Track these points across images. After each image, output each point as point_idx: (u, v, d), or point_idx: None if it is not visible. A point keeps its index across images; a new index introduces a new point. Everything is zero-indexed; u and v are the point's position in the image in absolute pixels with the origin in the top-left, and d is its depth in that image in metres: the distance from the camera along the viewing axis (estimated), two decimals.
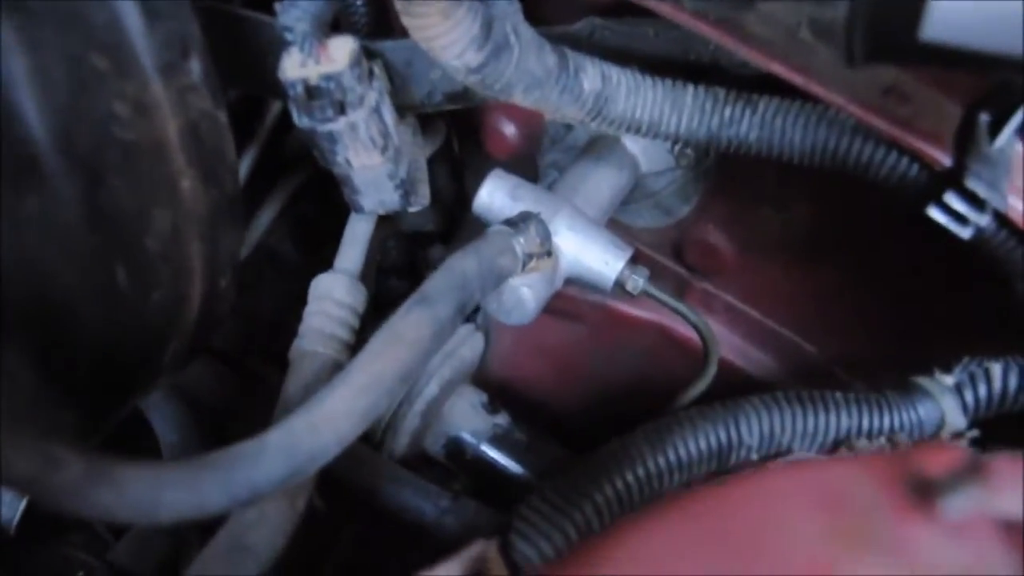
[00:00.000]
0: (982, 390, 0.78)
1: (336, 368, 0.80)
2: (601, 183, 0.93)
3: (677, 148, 0.93)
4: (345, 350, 0.82)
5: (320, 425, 0.63)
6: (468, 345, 1.06)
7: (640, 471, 0.69)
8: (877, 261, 0.95)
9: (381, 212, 0.83)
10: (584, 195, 0.91)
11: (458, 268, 0.73)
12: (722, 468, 0.73)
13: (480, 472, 1.05)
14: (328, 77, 0.71)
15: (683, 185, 0.98)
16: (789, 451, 0.74)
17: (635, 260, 0.87)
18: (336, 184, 0.82)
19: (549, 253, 0.81)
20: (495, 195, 0.87)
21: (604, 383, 1.12)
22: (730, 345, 1.03)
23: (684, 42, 0.83)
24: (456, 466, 1.06)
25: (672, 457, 0.70)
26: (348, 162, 0.76)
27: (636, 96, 0.78)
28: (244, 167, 0.98)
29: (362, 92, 0.73)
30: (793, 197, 0.95)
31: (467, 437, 1.04)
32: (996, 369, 0.78)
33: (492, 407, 1.05)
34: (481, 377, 1.13)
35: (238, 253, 0.78)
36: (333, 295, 0.82)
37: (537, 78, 0.74)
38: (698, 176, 0.97)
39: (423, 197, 0.84)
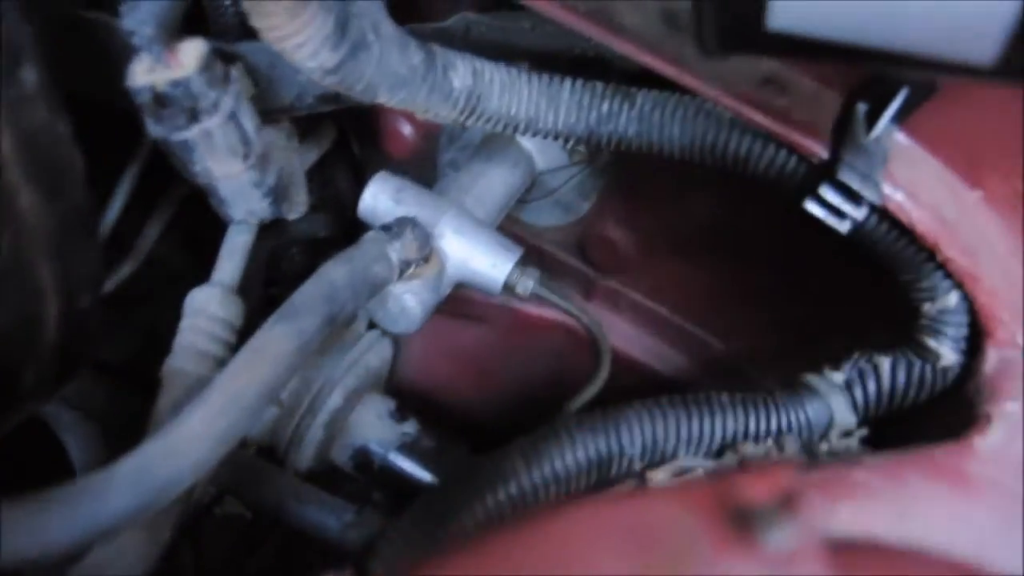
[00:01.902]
0: (872, 386, 0.76)
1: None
2: (494, 182, 0.89)
3: (569, 145, 0.90)
4: (218, 367, 0.78)
5: (174, 451, 0.60)
6: (374, 352, 1.02)
7: (513, 488, 0.67)
8: (781, 254, 0.92)
9: (253, 221, 0.79)
10: (476, 195, 0.88)
11: (326, 278, 0.70)
12: (603, 479, 0.71)
13: (390, 482, 1.02)
14: (176, 83, 0.67)
15: (582, 182, 0.95)
16: (674, 458, 0.72)
17: (527, 261, 0.84)
18: None
19: (427, 259, 0.78)
20: (379, 198, 0.84)
21: (518, 385, 1.09)
22: (638, 344, 1.01)
23: (565, 36, 0.80)
24: (364, 477, 1.02)
25: (548, 472, 0.68)
26: (209, 172, 0.72)
27: (511, 93, 0.75)
28: (129, 177, 0.94)
29: (216, 98, 0.69)
30: (691, 191, 0.92)
31: (374, 447, 1.01)
32: (885, 364, 0.76)
33: (400, 415, 1.02)
34: (394, 385, 1.10)
35: (98, 268, 0.74)
36: (207, 310, 0.79)
37: (401, 77, 0.71)
38: (596, 172, 0.94)
39: (299, 204, 0.81)
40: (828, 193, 0.68)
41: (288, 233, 0.99)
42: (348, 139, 1.03)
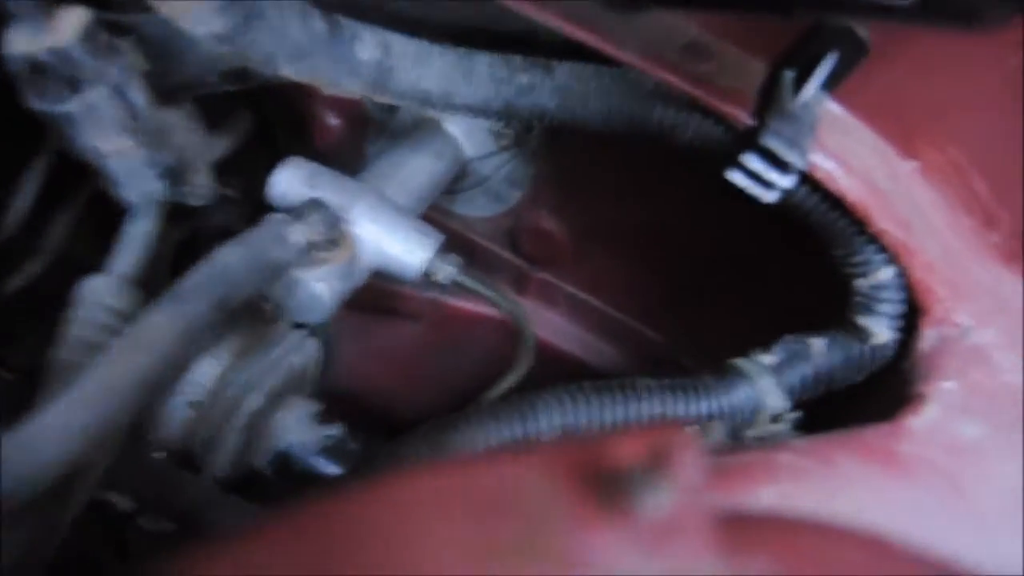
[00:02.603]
0: (803, 368, 0.71)
1: None
2: (417, 169, 0.84)
3: (496, 129, 0.86)
4: None
5: (29, 445, 0.54)
6: (299, 353, 0.96)
7: None
8: (722, 245, 0.88)
9: (150, 204, 0.74)
10: (397, 182, 0.82)
11: (219, 260, 0.65)
12: None
13: (312, 487, 0.96)
14: (54, 51, 0.62)
15: (512, 169, 0.90)
16: None
17: (447, 249, 0.79)
18: None
19: (336, 243, 0.72)
20: (291, 183, 0.78)
21: (452, 384, 1.03)
22: (573, 337, 0.95)
23: (487, 9, 0.76)
24: (285, 481, 0.96)
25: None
26: (96, 149, 0.66)
27: (422, 66, 0.70)
28: (37, 169, 0.88)
29: (99, 69, 0.63)
30: (628, 179, 0.88)
31: (295, 451, 0.95)
32: (817, 345, 0.71)
33: (325, 418, 0.96)
34: (327, 388, 1.04)
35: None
36: (99, 298, 0.72)
37: (302, 47, 0.65)
38: (527, 159, 0.89)
39: (202, 188, 0.75)
40: (752, 161, 0.64)
41: (201, 225, 0.93)
42: (273, 130, 0.98)
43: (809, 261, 0.82)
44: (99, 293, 0.72)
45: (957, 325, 0.68)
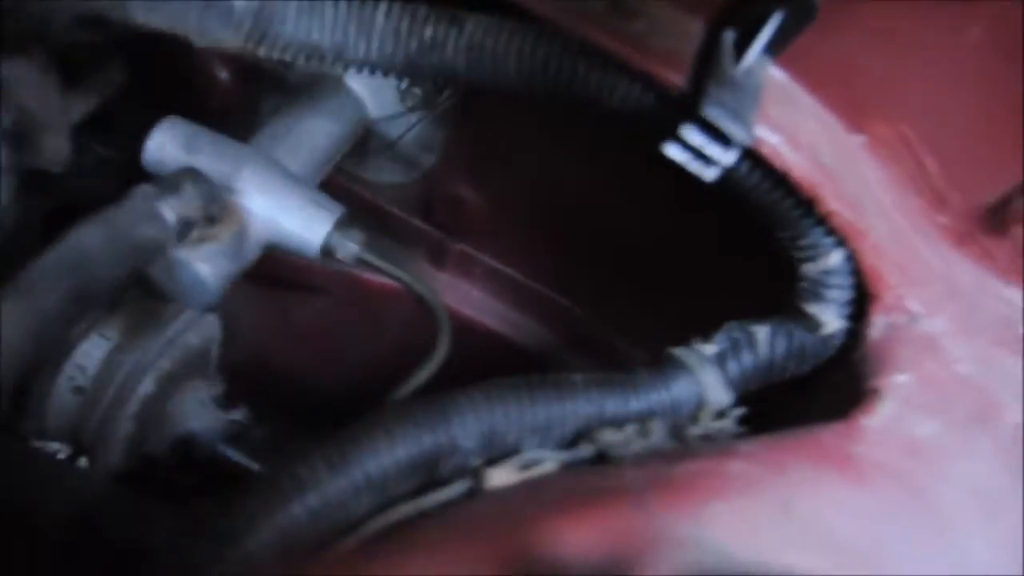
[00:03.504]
0: (747, 358, 0.63)
1: None
2: (314, 131, 0.72)
3: (403, 87, 0.74)
4: None
5: None
6: (195, 331, 0.84)
7: (313, 500, 0.51)
8: (649, 209, 0.78)
9: None
10: (291, 145, 0.71)
11: (73, 244, 0.53)
12: (434, 478, 0.55)
13: (216, 478, 0.85)
14: None
15: (423, 132, 0.79)
16: (517, 450, 0.57)
17: (349, 221, 0.68)
18: None
19: (218, 218, 0.60)
20: (166, 148, 0.66)
21: (366, 362, 0.93)
22: (493, 312, 0.86)
23: None
24: (186, 471, 0.85)
25: (358, 476, 0.52)
26: None
27: (311, 15, 0.58)
28: None
29: None
30: (544, 139, 0.77)
31: (196, 437, 0.84)
32: (762, 333, 0.63)
33: (227, 401, 0.85)
34: (228, 365, 0.92)
35: None
36: None
37: None
38: (437, 121, 0.78)
39: (54, 151, 0.62)
40: (691, 134, 0.54)
41: (71, 193, 0.79)
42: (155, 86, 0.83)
43: (741, 234, 0.74)
44: None
45: (908, 312, 0.60)
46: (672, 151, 0.55)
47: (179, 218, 0.57)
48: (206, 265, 0.62)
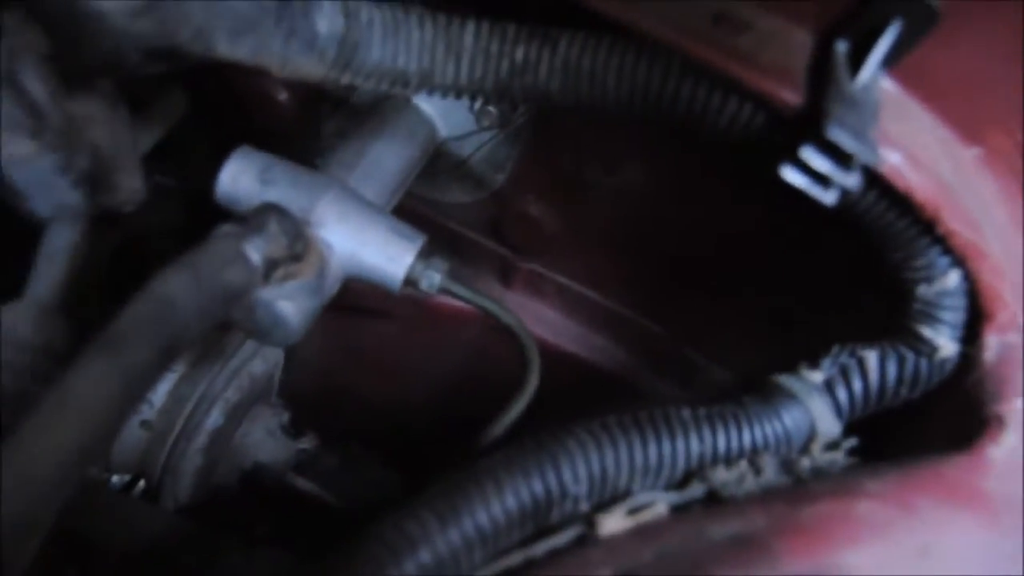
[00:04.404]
0: (857, 385, 0.58)
1: None
2: (386, 155, 0.68)
3: (477, 106, 0.69)
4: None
5: None
6: (259, 359, 0.80)
7: (425, 556, 0.46)
8: (725, 226, 0.73)
9: (67, 217, 0.56)
10: (363, 171, 0.66)
11: (161, 294, 0.48)
12: (541, 525, 0.51)
13: (288, 506, 0.81)
14: None
15: (494, 150, 0.75)
16: (628, 493, 0.52)
17: (430, 249, 0.63)
18: None
19: (298, 256, 0.56)
20: (239, 180, 0.61)
21: (431, 383, 0.89)
22: (566, 332, 0.81)
23: None
24: (257, 501, 0.81)
25: (470, 529, 0.48)
26: None
27: (397, 39, 0.53)
28: None
29: None
30: (622, 156, 0.73)
31: (265, 468, 0.79)
32: (871, 358, 0.58)
33: (295, 429, 0.81)
34: (291, 390, 0.87)
35: None
36: (17, 335, 0.55)
37: (245, 19, 0.49)
38: (510, 139, 0.73)
39: (130, 192, 0.58)
40: (812, 157, 0.49)
41: (136, 227, 0.75)
42: (211, 110, 0.79)
43: (820, 252, 0.70)
44: (16, 328, 0.55)
45: (1020, 331, 0.55)
46: (790, 175, 0.50)
47: (265, 258, 0.53)
48: (289, 304, 0.57)
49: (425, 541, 0.47)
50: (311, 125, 0.78)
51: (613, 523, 0.51)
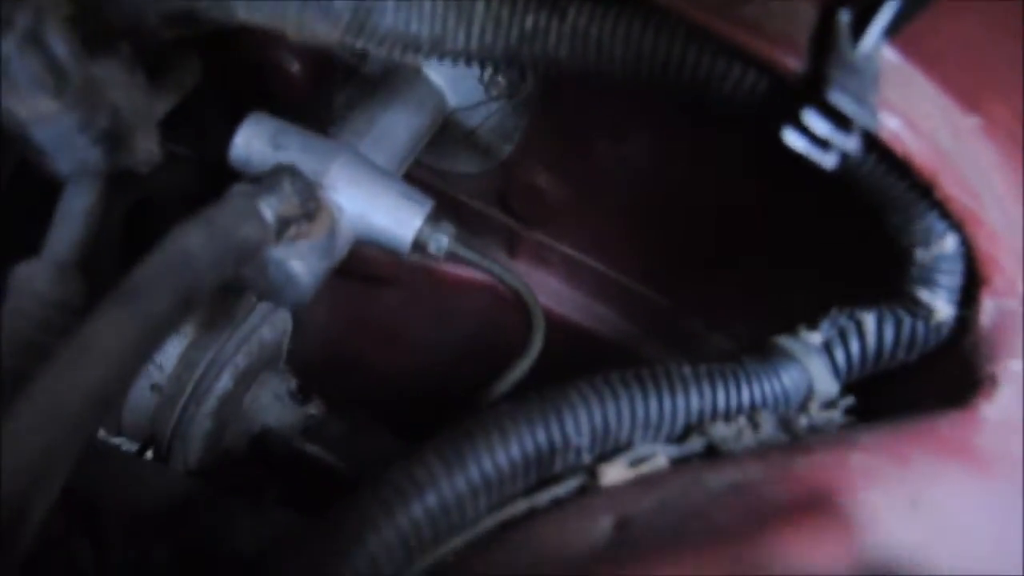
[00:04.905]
0: (854, 346, 0.60)
1: None
2: (395, 123, 0.70)
3: (487, 76, 0.71)
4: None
5: None
6: (269, 325, 0.82)
7: (432, 500, 0.49)
8: (730, 196, 0.75)
9: (87, 175, 0.58)
10: (374, 138, 0.68)
11: (178, 246, 0.51)
12: (544, 475, 0.53)
13: (295, 470, 0.83)
14: None
15: (501, 121, 0.76)
16: (629, 445, 0.54)
17: (439, 214, 0.65)
18: None
19: (314, 215, 0.58)
20: (253, 144, 0.64)
21: (437, 351, 0.90)
22: (571, 302, 0.83)
23: None
24: (265, 465, 0.83)
25: (475, 475, 0.50)
26: (12, 113, 0.50)
27: (409, 7, 0.55)
28: None
29: (5, 14, 0.47)
30: (631, 126, 0.74)
31: (274, 433, 0.82)
32: (869, 320, 0.60)
33: (302, 395, 0.83)
34: (297, 357, 0.90)
35: None
36: (35, 290, 0.57)
37: None
38: (518, 109, 0.75)
39: (146, 153, 0.59)
40: (813, 120, 0.51)
41: (150, 188, 0.76)
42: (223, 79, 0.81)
43: (822, 223, 0.71)
44: (35, 283, 0.57)
45: (1019, 296, 0.57)
46: (791, 138, 0.52)
47: (278, 217, 0.55)
48: (300, 263, 0.59)
49: (432, 486, 0.49)
50: (322, 95, 0.80)
51: (614, 473, 0.53)
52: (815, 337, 0.60)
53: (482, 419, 0.51)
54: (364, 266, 0.81)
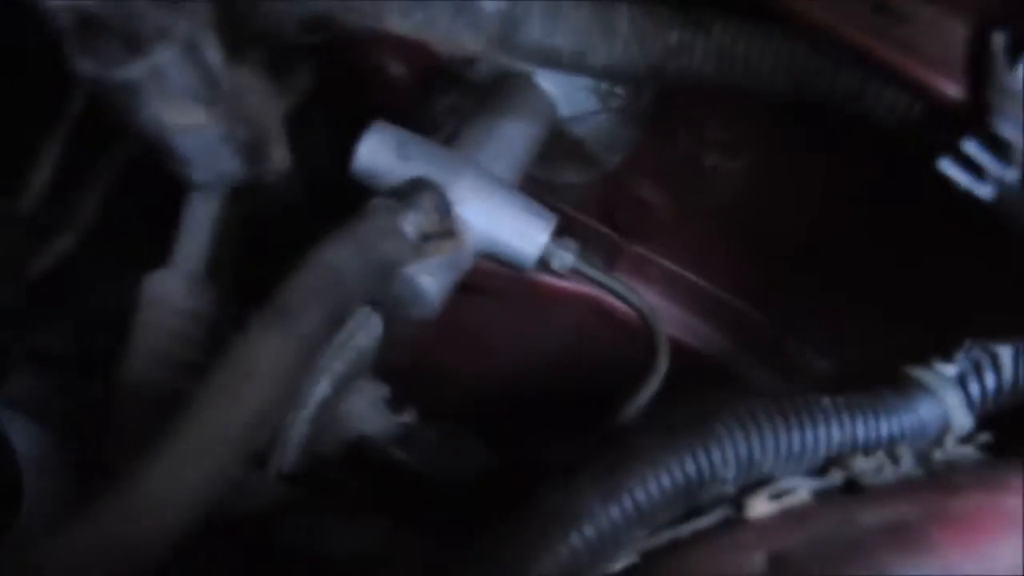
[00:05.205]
0: (990, 380, 0.59)
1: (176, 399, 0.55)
2: (512, 133, 0.69)
3: (604, 88, 0.70)
4: (186, 372, 0.57)
5: (135, 516, 0.42)
6: (364, 332, 0.82)
7: (590, 531, 0.48)
8: (839, 218, 0.74)
9: (223, 185, 0.58)
10: (493, 150, 0.67)
11: (327, 264, 0.50)
12: (691, 506, 0.53)
13: (389, 478, 0.83)
14: (110, 2, 0.45)
15: (611, 131, 0.75)
16: (771, 478, 0.54)
17: (559, 230, 0.64)
18: None
19: (451, 232, 0.57)
20: (378, 154, 0.63)
21: (531, 363, 0.90)
22: (669, 317, 0.82)
23: None
24: (359, 474, 0.83)
25: (629, 506, 0.50)
26: (161, 123, 0.50)
27: (555, 18, 0.55)
28: (60, 133, 0.70)
29: (166, 22, 0.47)
30: (741, 143, 0.73)
31: (369, 441, 0.82)
32: (1005, 355, 0.59)
33: (396, 403, 0.83)
34: (386, 365, 0.89)
35: (19, 250, 0.52)
36: (169, 301, 0.58)
37: None
38: (629, 121, 0.74)
39: (278, 161, 0.60)
40: (973, 148, 0.50)
41: (261, 202, 0.76)
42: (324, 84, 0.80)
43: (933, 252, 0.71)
44: (168, 294, 0.57)
45: None
46: (948, 167, 0.51)
47: (418, 233, 0.54)
48: (430, 279, 0.59)
49: (589, 517, 0.48)
50: (424, 101, 0.80)
51: (759, 507, 0.53)
52: (950, 369, 0.59)
53: (632, 449, 0.51)
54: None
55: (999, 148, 0.50)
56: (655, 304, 0.82)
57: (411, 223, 0.54)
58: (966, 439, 0.58)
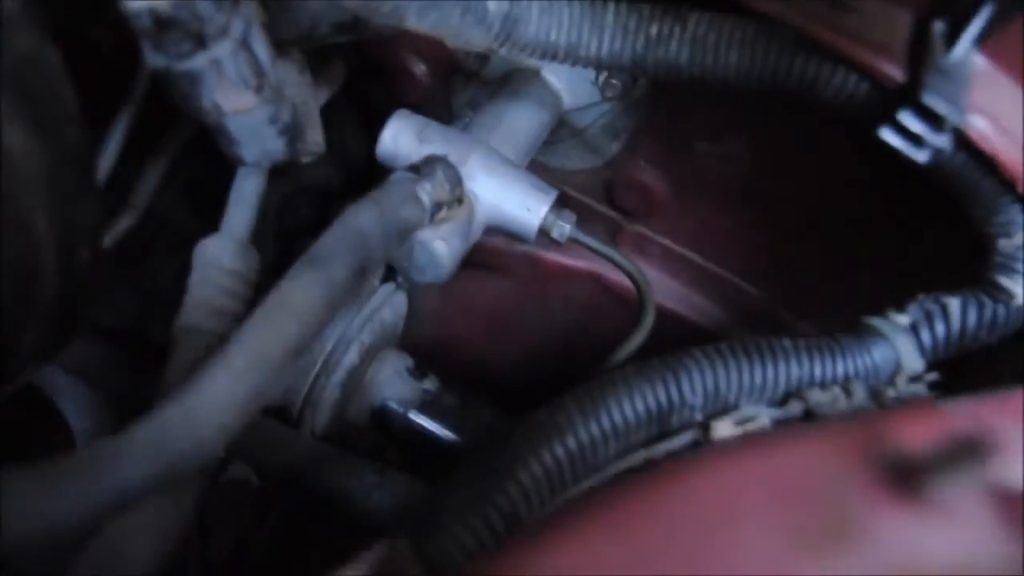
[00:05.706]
0: (940, 328, 0.68)
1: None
2: (520, 121, 0.80)
3: (602, 79, 0.81)
4: (234, 323, 0.68)
5: (195, 416, 0.51)
6: (389, 307, 0.93)
7: (571, 442, 0.58)
8: (820, 194, 0.84)
9: (267, 163, 0.69)
10: (501, 135, 0.78)
11: (354, 223, 0.61)
12: (663, 431, 0.62)
13: (410, 441, 0.93)
14: (181, 4, 0.56)
15: (611, 120, 0.86)
16: (736, 407, 0.63)
17: (561, 203, 0.75)
18: None
19: (460, 200, 0.68)
20: (400, 138, 0.74)
21: (539, 338, 1.00)
22: (669, 292, 0.92)
23: None
24: (384, 437, 0.93)
25: (606, 423, 0.59)
26: (218, 107, 0.62)
27: (550, 16, 0.65)
28: (124, 118, 0.82)
29: (224, 21, 0.58)
30: (728, 128, 0.83)
31: (393, 406, 0.92)
32: (954, 305, 0.68)
33: (419, 371, 0.93)
34: (408, 339, 1.00)
35: (98, 218, 0.64)
36: (219, 262, 0.69)
37: None
38: (627, 110, 0.85)
39: (314, 145, 0.70)
40: (908, 119, 0.59)
41: (298, 181, 0.88)
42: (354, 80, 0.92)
43: (917, 220, 0.79)
44: (219, 256, 0.68)
45: None
46: (888, 136, 0.61)
47: (433, 201, 0.65)
48: (443, 243, 0.70)
49: (571, 430, 0.58)
50: (444, 96, 0.91)
51: (724, 430, 0.62)
52: (903, 318, 0.68)
53: (611, 376, 0.61)
54: (475, 254, 0.91)
55: (932, 119, 0.60)
56: (654, 278, 0.92)
57: (426, 192, 0.65)
58: (916, 378, 0.67)
